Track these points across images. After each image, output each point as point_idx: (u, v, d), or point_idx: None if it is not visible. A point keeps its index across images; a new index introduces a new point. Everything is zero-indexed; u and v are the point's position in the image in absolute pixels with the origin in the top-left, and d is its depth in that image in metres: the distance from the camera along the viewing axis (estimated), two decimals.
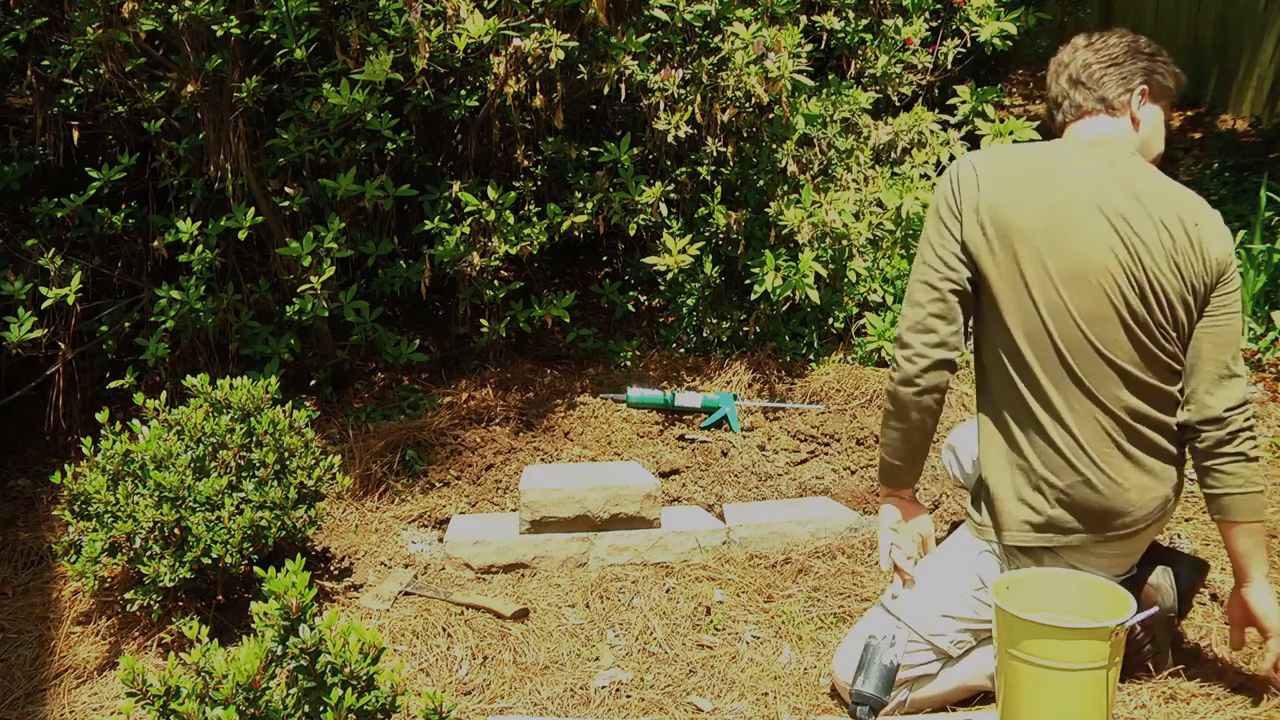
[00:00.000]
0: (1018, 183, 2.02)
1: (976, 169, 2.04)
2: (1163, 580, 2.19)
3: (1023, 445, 2.06)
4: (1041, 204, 2.00)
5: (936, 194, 2.09)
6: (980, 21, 4.14)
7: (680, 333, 3.87)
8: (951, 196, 2.06)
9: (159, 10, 3.03)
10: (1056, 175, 2.02)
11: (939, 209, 2.07)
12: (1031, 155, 2.08)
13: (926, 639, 2.12)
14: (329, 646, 1.70)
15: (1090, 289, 1.99)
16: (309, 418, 2.67)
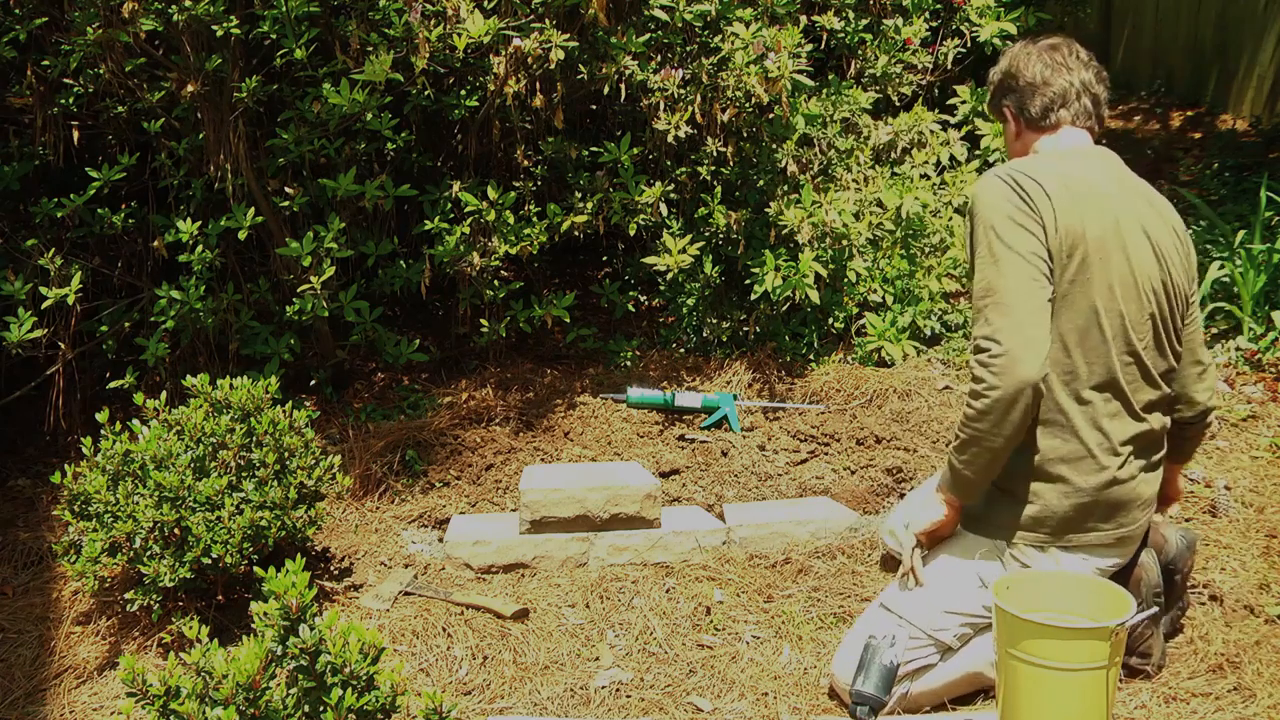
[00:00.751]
0: (1082, 201, 2.06)
1: (1043, 186, 2.05)
2: (1148, 559, 2.22)
3: (1055, 447, 2.08)
4: (1101, 220, 2.05)
5: (997, 203, 2.06)
6: (980, 21, 4.14)
7: (680, 333, 3.87)
8: (1025, 205, 2.04)
9: (159, 10, 3.03)
10: (1104, 189, 2.10)
11: (1013, 216, 2.03)
12: (1080, 171, 2.12)
13: (929, 634, 2.14)
14: (329, 646, 1.70)
15: (1139, 297, 2.06)
16: (309, 418, 2.67)
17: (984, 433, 2.03)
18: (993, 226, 2.04)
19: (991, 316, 2.01)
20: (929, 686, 2.16)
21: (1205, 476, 2.89)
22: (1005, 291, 2.00)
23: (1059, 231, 2.02)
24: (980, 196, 2.08)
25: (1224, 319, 3.70)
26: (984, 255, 2.05)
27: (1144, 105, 6.91)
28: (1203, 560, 2.55)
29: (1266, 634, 2.28)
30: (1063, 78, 2.19)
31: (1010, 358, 1.97)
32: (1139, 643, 2.18)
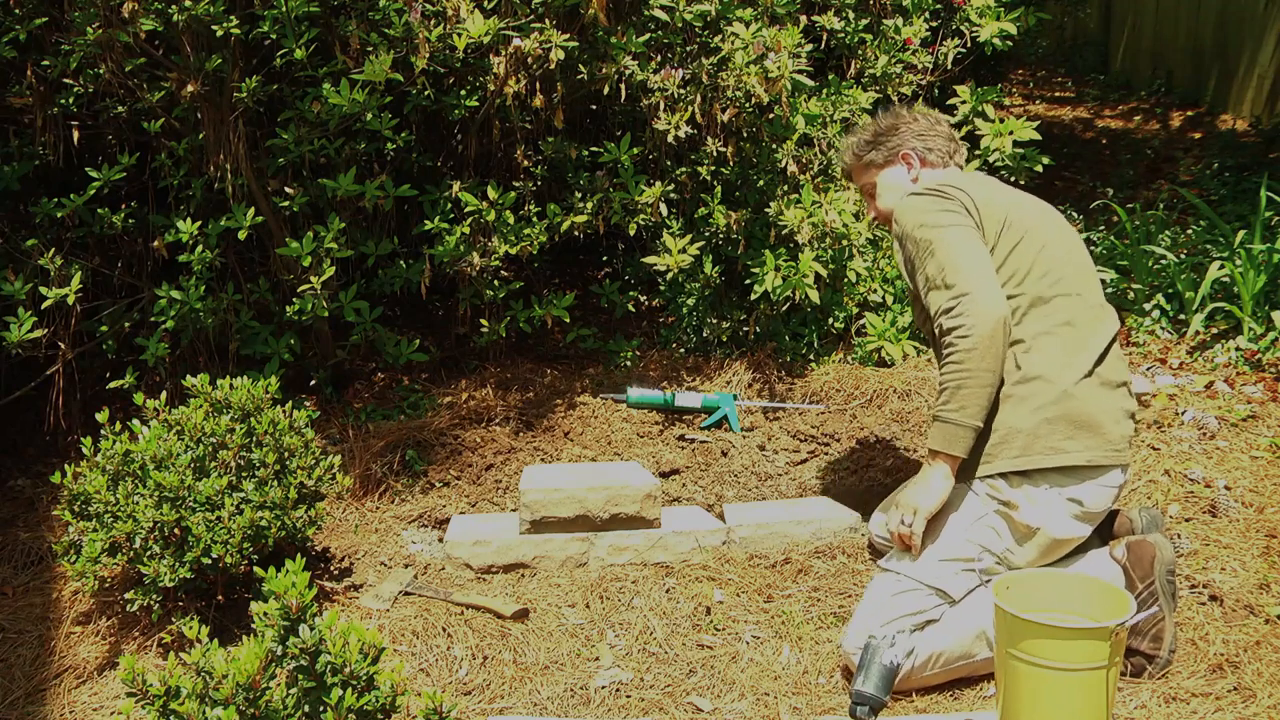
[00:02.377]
0: (985, 187, 2.42)
1: (951, 183, 2.38)
2: (1159, 537, 2.28)
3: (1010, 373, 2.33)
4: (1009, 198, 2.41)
5: (917, 211, 2.35)
6: (980, 21, 4.14)
7: (680, 333, 3.87)
8: (941, 199, 2.35)
9: (159, 10, 3.03)
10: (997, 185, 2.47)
11: (938, 208, 2.34)
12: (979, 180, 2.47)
13: (931, 586, 2.23)
14: (329, 646, 1.70)
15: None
16: (309, 418, 2.67)
17: (974, 370, 2.18)
18: (921, 224, 2.31)
19: (949, 280, 2.22)
20: (936, 648, 2.18)
21: (1205, 476, 2.89)
22: (951, 259, 2.24)
23: (979, 207, 2.32)
24: (902, 218, 2.37)
25: (1224, 319, 3.70)
26: (924, 252, 2.29)
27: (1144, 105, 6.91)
28: (1203, 560, 2.55)
29: (1266, 634, 2.28)
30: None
31: (975, 299, 2.18)
32: (1150, 625, 2.19)
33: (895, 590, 2.24)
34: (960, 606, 2.24)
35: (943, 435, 2.22)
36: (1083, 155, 5.98)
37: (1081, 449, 2.21)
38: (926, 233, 2.29)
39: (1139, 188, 5.38)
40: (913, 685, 2.20)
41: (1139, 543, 2.24)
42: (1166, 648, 2.19)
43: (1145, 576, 2.20)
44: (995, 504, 2.23)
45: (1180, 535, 2.65)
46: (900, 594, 2.23)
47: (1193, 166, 5.53)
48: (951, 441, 2.21)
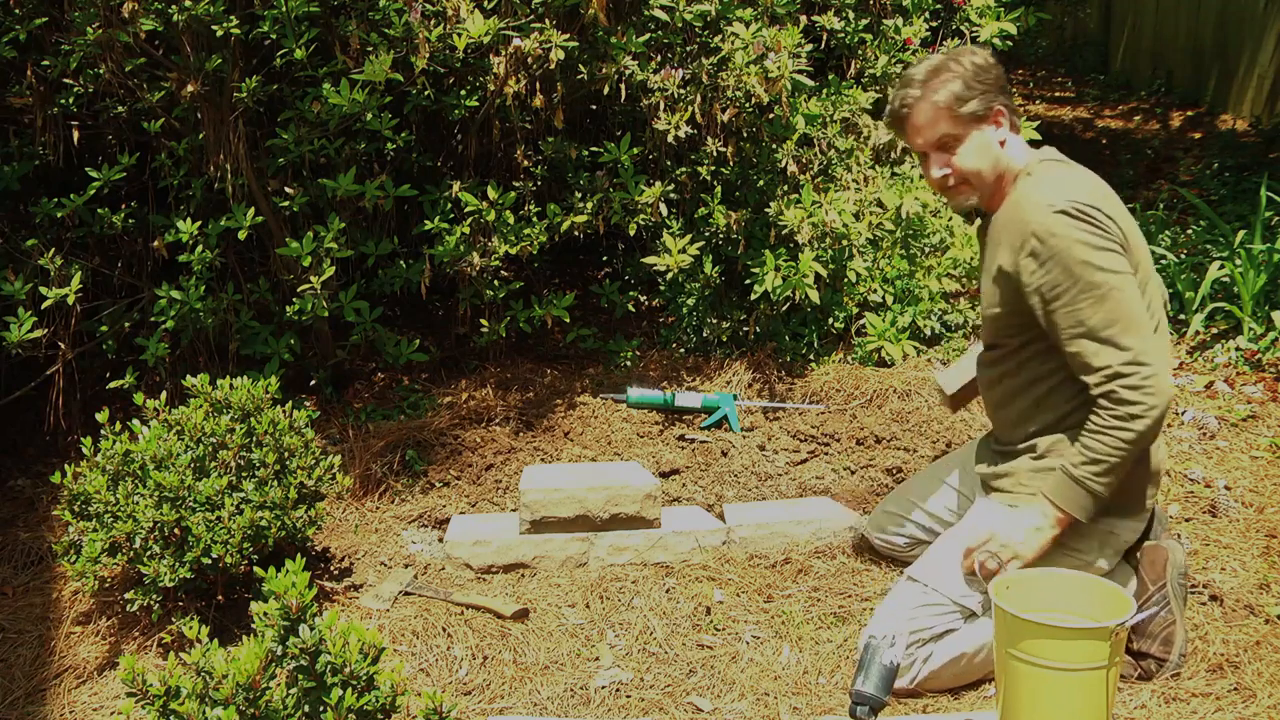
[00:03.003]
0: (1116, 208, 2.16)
1: (1100, 208, 2.09)
2: (1172, 542, 2.27)
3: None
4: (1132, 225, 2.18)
5: (1080, 238, 2.05)
6: (980, 21, 4.14)
7: (680, 333, 3.87)
8: (1103, 232, 2.08)
9: (159, 10, 3.03)
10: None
11: (1101, 245, 2.06)
12: (1088, 177, 2.21)
13: (956, 602, 2.20)
14: (329, 646, 1.70)
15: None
16: (309, 418, 2.67)
17: (1136, 451, 2.07)
18: (1087, 261, 2.04)
19: (1125, 340, 2.03)
20: (954, 652, 2.18)
21: (1205, 476, 2.89)
22: (1128, 315, 2.03)
23: (1127, 239, 2.10)
24: (1056, 236, 2.06)
25: (1224, 319, 3.70)
26: (1086, 294, 2.04)
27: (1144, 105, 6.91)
28: (1203, 560, 2.55)
29: (1266, 634, 2.28)
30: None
31: (1158, 374, 2.03)
32: (1160, 629, 2.19)
33: (922, 602, 2.21)
34: (981, 622, 2.21)
35: (1078, 501, 2.10)
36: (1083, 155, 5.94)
37: (1144, 496, 2.20)
38: (1095, 274, 2.03)
39: (1139, 188, 5.38)
40: (925, 689, 2.20)
41: (1153, 547, 2.24)
42: (1177, 652, 2.18)
43: (1157, 579, 2.19)
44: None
45: (1180, 535, 2.65)
46: (926, 606, 2.20)
47: (1193, 166, 5.53)
48: (1084, 509, 2.11)
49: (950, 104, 2.16)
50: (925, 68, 2.20)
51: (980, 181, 2.21)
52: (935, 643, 2.19)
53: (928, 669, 2.19)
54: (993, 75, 2.18)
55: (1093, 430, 2.07)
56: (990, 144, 2.19)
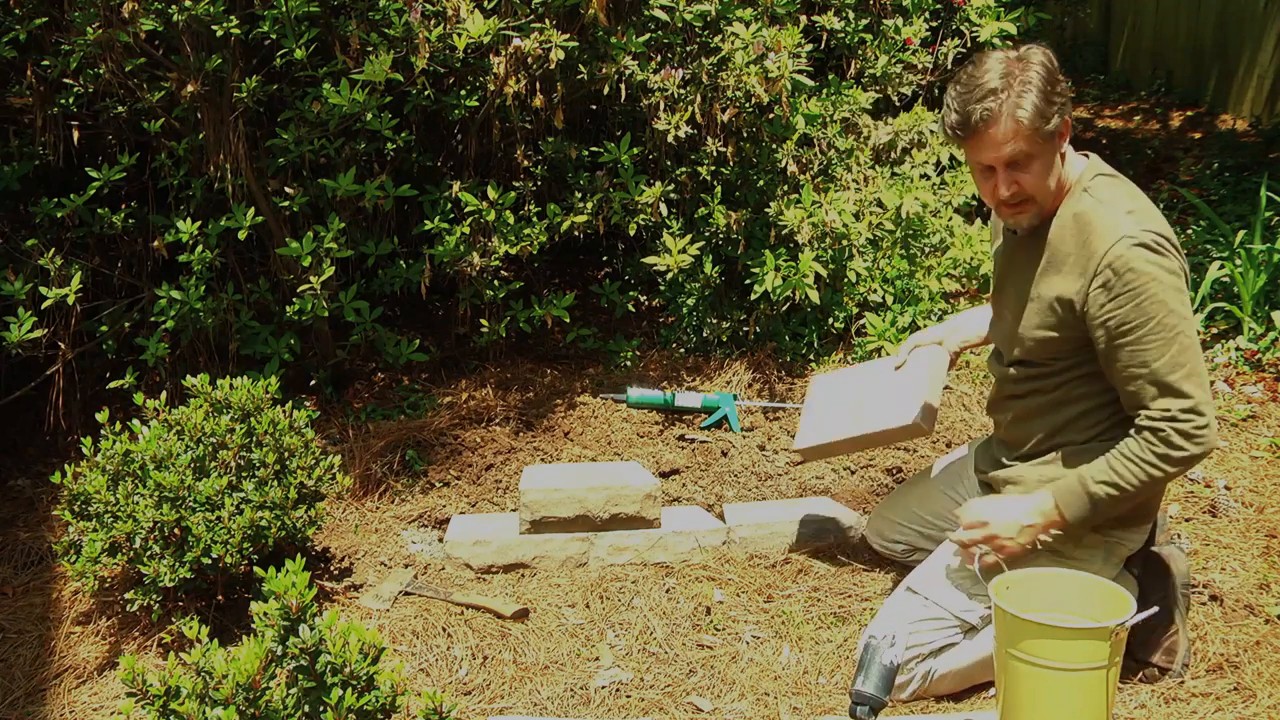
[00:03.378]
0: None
1: (1172, 241, 2.03)
2: (1174, 549, 2.27)
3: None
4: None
5: (1165, 276, 1.99)
6: (980, 21, 4.14)
7: (680, 333, 3.87)
8: (1179, 271, 2.03)
9: (159, 10, 3.03)
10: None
11: (1179, 286, 2.01)
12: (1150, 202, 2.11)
13: (956, 615, 2.19)
14: (329, 646, 1.70)
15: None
16: (309, 418, 2.67)
17: (1160, 486, 2.09)
18: (1166, 302, 1.98)
19: (1187, 387, 1.98)
20: (954, 666, 2.18)
21: (1205, 476, 2.89)
22: (1194, 364, 1.99)
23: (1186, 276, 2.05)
24: (1134, 272, 1.98)
25: (1224, 319, 3.70)
26: (1158, 333, 1.98)
27: (1144, 105, 6.90)
28: (1203, 560, 2.55)
29: (1266, 634, 2.28)
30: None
31: (1211, 429, 2.00)
32: (1163, 638, 2.18)
33: (922, 616, 2.19)
34: (981, 636, 2.20)
35: (1080, 512, 2.08)
36: None
37: (1149, 508, 2.19)
38: (1168, 316, 1.97)
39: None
40: (926, 695, 2.20)
41: (1154, 555, 2.23)
42: (1180, 661, 2.18)
43: (1161, 589, 2.19)
44: (1051, 554, 2.15)
45: (1180, 535, 2.65)
46: (925, 620, 2.18)
47: (1193, 166, 5.53)
48: (1081, 521, 2.09)
49: (1034, 121, 1.99)
50: (996, 75, 2.01)
51: (1044, 199, 2.09)
52: (934, 658, 2.18)
53: (928, 683, 2.19)
54: (1063, 83, 2.05)
55: (1126, 456, 2.03)
56: (1055, 160, 2.07)
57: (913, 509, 2.56)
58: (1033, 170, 2.04)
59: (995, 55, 2.06)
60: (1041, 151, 2.03)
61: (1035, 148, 2.02)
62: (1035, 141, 2.01)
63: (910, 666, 2.16)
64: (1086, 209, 2.05)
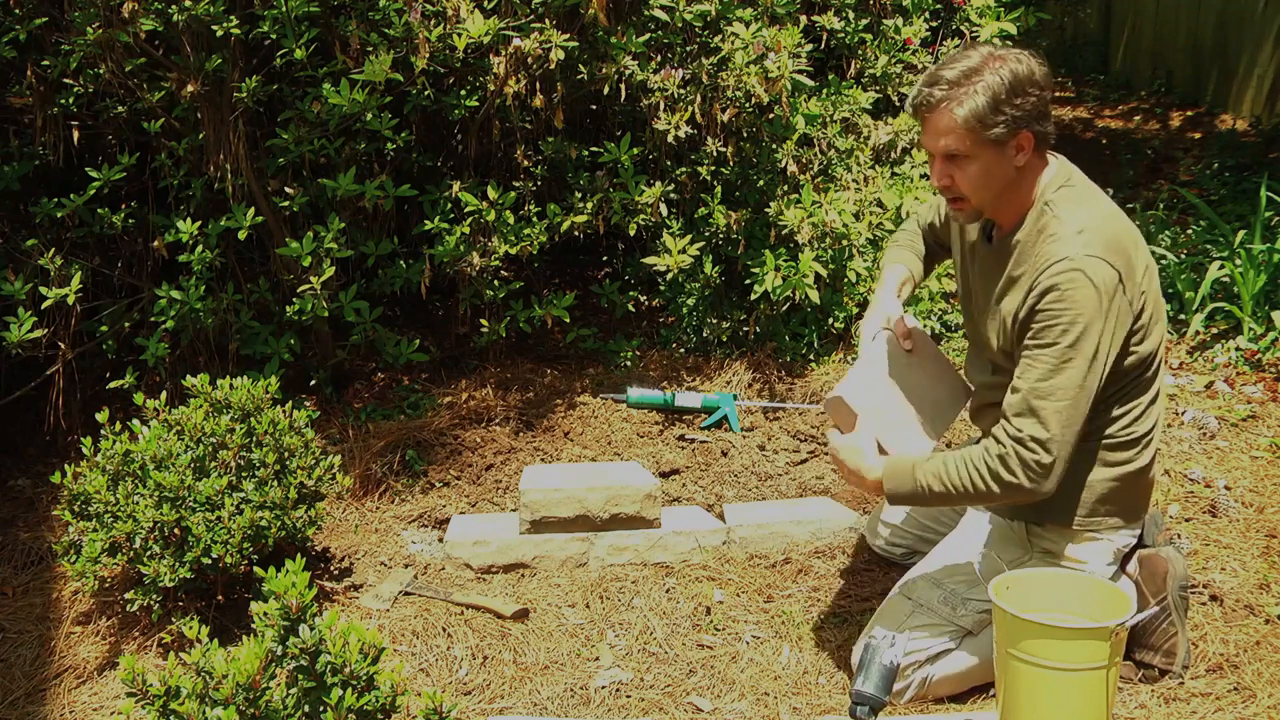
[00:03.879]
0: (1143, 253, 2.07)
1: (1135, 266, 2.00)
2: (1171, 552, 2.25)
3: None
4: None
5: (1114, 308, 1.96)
6: (980, 21, 4.14)
7: (680, 333, 3.87)
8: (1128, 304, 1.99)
9: (159, 10, 3.03)
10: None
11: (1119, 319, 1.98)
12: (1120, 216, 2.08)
13: (951, 621, 2.18)
14: (329, 646, 1.70)
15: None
16: (309, 418, 2.67)
17: (971, 502, 2.12)
18: (1075, 334, 1.94)
19: (1051, 422, 1.95)
20: (951, 671, 2.18)
21: (1205, 476, 2.89)
22: (1069, 404, 1.95)
23: (1144, 294, 2.02)
24: (1068, 297, 1.93)
25: (1224, 319, 3.70)
26: (1055, 356, 1.95)
27: (1144, 105, 6.91)
28: (1203, 560, 2.55)
29: (1266, 634, 2.28)
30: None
31: (1050, 476, 1.97)
32: (1163, 640, 2.18)
33: (916, 622, 2.18)
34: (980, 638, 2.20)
35: (897, 486, 2.09)
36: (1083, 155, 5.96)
37: (1137, 509, 2.19)
38: (1073, 353, 1.94)
39: (1139, 188, 5.38)
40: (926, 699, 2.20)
41: (1152, 558, 2.22)
42: (1180, 663, 2.18)
43: (1158, 592, 2.19)
44: (1040, 550, 2.16)
45: (1180, 535, 2.65)
46: (921, 627, 2.18)
47: (1193, 166, 5.53)
48: (892, 493, 2.11)
49: (969, 123, 1.96)
50: (960, 68, 1.97)
51: (982, 204, 2.06)
52: (931, 665, 2.18)
53: (926, 688, 2.18)
54: (1030, 98, 1.96)
55: (963, 459, 2.02)
56: (1003, 170, 2.02)
57: (912, 513, 2.56)
58: (969, 171, 2.01)
59: (982, 49, 2.00)
60: (980, 156, 1.99)
61: (972, 150, 1.99)
62: (972, 144, 1.98)
63: (907, 673, 2.16)
64: (1045, 224, 2.03)
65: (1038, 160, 2.05)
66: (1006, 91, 1.94)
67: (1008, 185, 2.04)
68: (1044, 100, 1.99)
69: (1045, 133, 2.02)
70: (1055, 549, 2.14)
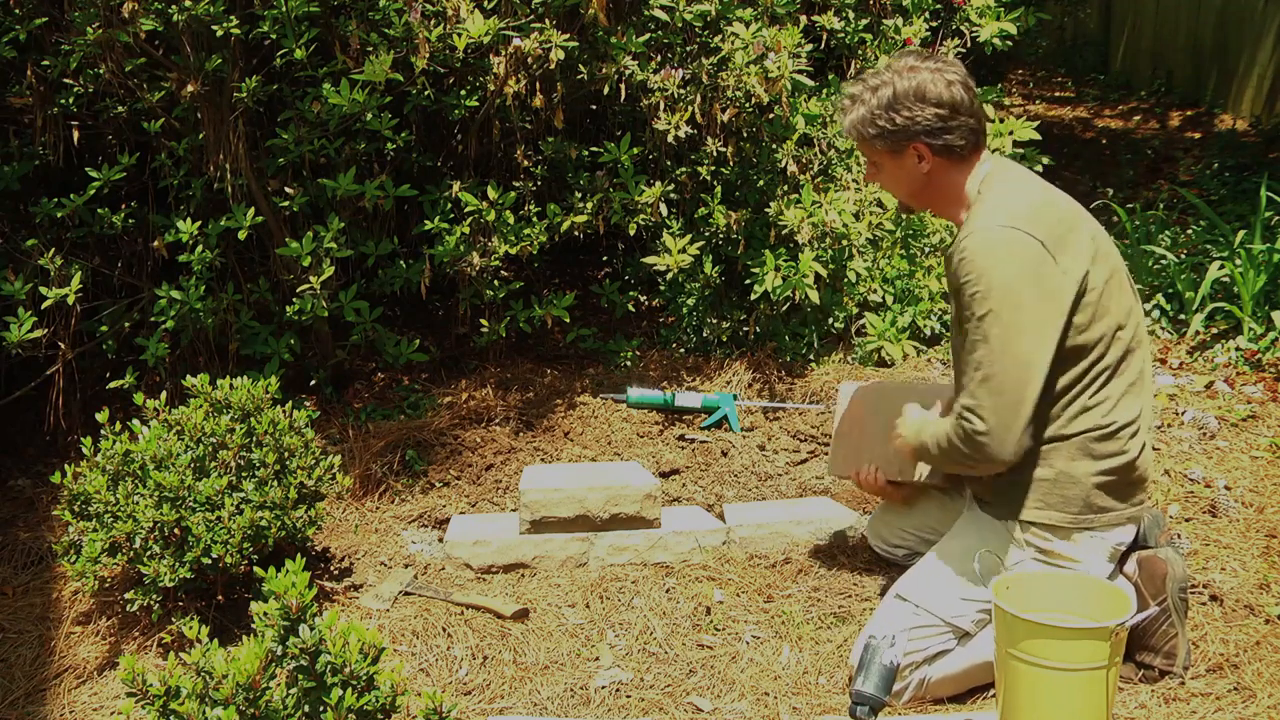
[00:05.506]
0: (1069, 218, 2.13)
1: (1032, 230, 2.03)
2: (1171, 553, 2.25)
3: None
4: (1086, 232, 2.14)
5: (1030, 269, 2.01)
6: (980, 21, 4.14)
7: (680, 333, 3.87)
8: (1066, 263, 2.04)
9: (159, 10, 3.03)
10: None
11: (1043, 277, 2.02)
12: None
13: (947, 621, 2.17)
14: (329, 646, 1.70)
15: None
16: (309, 418, 2.67)
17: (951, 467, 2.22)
18: (988, 299, 2.00)
19: (979, 393, 2.03)
20: (950, 672, 2.17)
21: (1205, 476, 2.89)
22: (998, 371, 2.01)
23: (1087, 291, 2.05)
24: (975, 263, 2.02)
25: (1224, 319, 3.70)
26: (977, 327, 2.03)
27: (1144, 105, 6.91)
28: (1203, 560, 2.55)
29: (1266, 634, 2.28)
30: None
31: (989, 445, 2.04)
32: (1163, 642, 2.18)
33: (913, 624, 2.17)
34: (977, 639, 2.19)
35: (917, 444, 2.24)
36: (1083, 155, 5.98)
37: (1131, 504, 2.17)
38: (990, 320, 1.99)
39: (1139, 188, 5.38)
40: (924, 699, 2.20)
41: (1151, 559, 2.21)
42: (1180, 663, 2.18)
43: (1157, 593, 2.18)
44: (1034, 550, 2.16)
45: (1180, 535, 2.65)
46: (917, 628, 2.17)
47: (1193, 166, 5.54)
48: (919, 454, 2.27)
49: (850, 132, 2.18)
50: (863, 83, 2.17)
51: (907, 204, 2.26)
52: (929, 665, 2.17)
53: (924, 689, 2.18)
54: (919, 113, 2.10)
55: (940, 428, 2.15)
56: (909, 175, 2.17)
57: (911, 513, 2.56)
58: (880, 176, 2.22)
59: (903, 60, 2.15)
60: (881, 162, 2.19)
61: (872, 156, 2.20)
62: (869, 151, 2.19)
63: (905, 674, 2.15)
64: (971, 215, 2.13)
65: (955, 167, 2.16)
66: (885, 106, 2.12)
67: (923, 189, 2.20)
68: (942, 116, 2.10)
69: (950, 145, 2.12)
70: (1049, 547, 2.14)
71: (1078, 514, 2.12)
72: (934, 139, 2.11)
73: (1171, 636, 2.17)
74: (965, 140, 2.13)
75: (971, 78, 2.17)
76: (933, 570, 2.24)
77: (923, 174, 2.16)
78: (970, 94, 2.13)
